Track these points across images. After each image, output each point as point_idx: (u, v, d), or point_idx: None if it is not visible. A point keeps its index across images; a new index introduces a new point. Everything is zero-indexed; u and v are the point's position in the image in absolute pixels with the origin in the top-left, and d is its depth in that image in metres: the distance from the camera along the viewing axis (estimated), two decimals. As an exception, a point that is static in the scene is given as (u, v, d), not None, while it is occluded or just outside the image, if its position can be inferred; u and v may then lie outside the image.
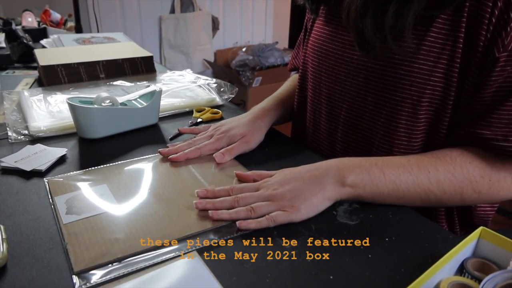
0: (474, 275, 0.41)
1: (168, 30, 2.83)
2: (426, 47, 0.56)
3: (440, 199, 0.55)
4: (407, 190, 0.54)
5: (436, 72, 0.57)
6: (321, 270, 0.43)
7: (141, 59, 1.07)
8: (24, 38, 1.27)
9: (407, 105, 0.59)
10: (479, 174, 0.54)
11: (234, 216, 0.50)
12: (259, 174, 0.59)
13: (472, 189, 0.54)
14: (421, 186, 0.54)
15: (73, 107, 0.69)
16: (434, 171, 0.54)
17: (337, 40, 0.68)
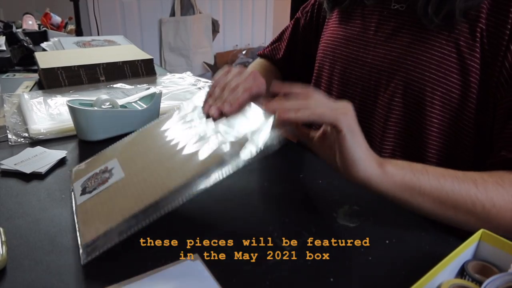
0: (474, 278, 0.41)
1: (168, 33, 2.83)
2: (442, 53, 0.57)
3: (487, 212, 0.49)
4: (451, 192, 0.48)
5: (450, 77, 0.57)
6: (321, 272, 0.43)
7: (141, 62, 1.07)
8: (25, 41, 1.27)
9: (420, 110, 0.60)
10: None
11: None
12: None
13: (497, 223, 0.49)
14: (468, 192, 0.48)
15: (73, 110, 0.69)
16: (481, 181, 0.49)
17: (351, 43, 0.69)
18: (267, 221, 0.51)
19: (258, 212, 0.53)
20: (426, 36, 0.59)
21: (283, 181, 0.61)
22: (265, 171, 0.63)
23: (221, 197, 0.56)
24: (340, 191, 0.58)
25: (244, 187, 0.59)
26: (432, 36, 0.59)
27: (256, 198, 0.56)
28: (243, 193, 0.57)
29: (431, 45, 0.58)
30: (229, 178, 0.61)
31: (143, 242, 0.47)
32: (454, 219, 0.50)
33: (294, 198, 0.56)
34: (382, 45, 0.64)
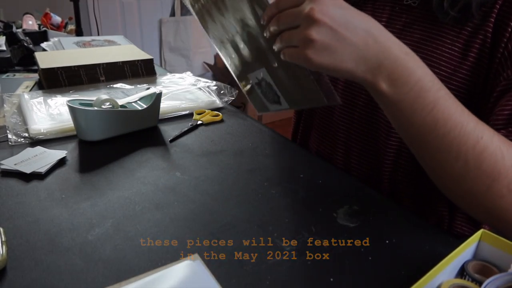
0: (474, 278, 0.41)
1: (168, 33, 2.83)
2: (453, 49, 0.57)
3: (467, 173, 0.46)
4: (441, 138, 0.44)
5: (459, 74, 0.56)
6: (321, 272, 0.43)
7: (141, 62, 1.07)
8: (25, 41, 1.27)
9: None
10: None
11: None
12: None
13: (508, 182, 0.45)
14: (460, 147, 0.44)
15: (73, 110, 0.69)
16: (488, 140, 0.44)
17: None
18: (267, 221, 0.51)
19: (258, 212, 0.53)
20: (437, 32, 0.59)
21: (283, 181, 0.61)
22: (265, 171, 0.63)
23: (221, 197, 0.56)
24: (340, 191, 0.58)
25: (244, 187, 0.59)
26: (443, 33, 0.58)
27: (256, 198, 0.56)
28: (243, 193, 0.57)
29: (442, 41, 0.58)
30: (229, 178, 0.61)
31: (143, 242, 0.47)
32: (429, 161, 0.48)
33: (294, 198, 0.56)
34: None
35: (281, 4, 0.43)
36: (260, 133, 0.78)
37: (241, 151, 0.70)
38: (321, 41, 0.41)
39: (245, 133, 0.78)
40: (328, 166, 0.66)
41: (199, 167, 0.64)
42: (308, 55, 0.42)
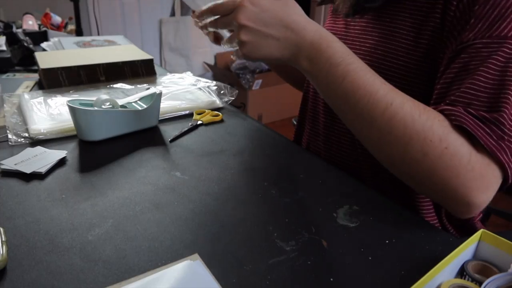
0: (474, 278, 0.41)
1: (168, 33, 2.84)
2: (407, 39, 0.59)
3: (382, 137, 0.49)
4: (353, 107, 0.50)
5: (415, 66, 0.59)
6: (321, 272, 0.43)
7: (141, 62, 1.07)
8: (25, 41, 1.27)
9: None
10: (439, 136, 0.47)
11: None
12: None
13: (421, 146, 0.47)
14: (370, 113, 0.49)
15: (73, 110, 0.69)
16: (398, 107, 0.48)
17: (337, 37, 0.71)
18: (267, 221, 0.51)
19: (258, 212, 0.53)
20: (394, 28, 0.62)
21: (283, 181, 0.61)
22: (265, 171, 0.63)
23: (221, 197, 0.56)
24: (340, 191, 0.58)
25: (244, 187, 0.59)
26: (398, 29, 0.61)
27: (256, 198, 0.56)
28: (243, 193, 0.57)
29: (399, 34, 0.60)
30: (229, 178, 0.61)
31: (143, 242, 0.47)
32: (351, 125, 0.53)
33: (294, 198, 0.56)
34: (358, 38, 0.67)
35: (215, 11, 0.54)
36: (260, 133, 0.78)
37: (241, 151, 0.70)
38: (249, 40, 0.52)
39: (245, 133, 0.78)
40: (328, 166, 0.66)
41: (199, 167, 0.65)
42: (244, 53, 0.53)
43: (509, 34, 0.48)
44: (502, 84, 0.48)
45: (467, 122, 0.47)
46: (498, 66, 0.48)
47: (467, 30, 0.51)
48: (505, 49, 0.48)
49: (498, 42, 0.48)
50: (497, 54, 0.48)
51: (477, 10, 0.50)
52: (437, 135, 0.47)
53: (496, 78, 0.48)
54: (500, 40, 0.48)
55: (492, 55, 0.48)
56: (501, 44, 0.48)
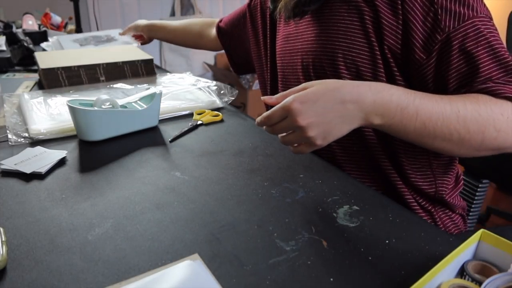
0: (474, 278, 0.41)
1: (168, 33, 2.83)
2: (346, 21, 0.65)
3: (462, 139, 0.56)
4: (433, 130, 0.55)
5: (356, 42, 0.65)
6: (321, 272, 0.43)
7: (141, 62, 1.07)
8: (25, 41, 1.28)
9: (337, 76, 0.67)
10: (499, 111, 0.55)
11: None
12: (285, 95, 0.57)
13: (493, 127, 0.55)
14: (449, 126, 0.55)
15: (73, 110, 0.69)
16: (463, 110, 0.55)
17: (290, 38, 0.76)
18: (267, 221, 0.51)
19: (258, 212, 0.53)
20: (332, 16, 0.67)
21: (283, 181, 0.61)
22: (265, 171, 0.63)
23: (221, 197, 0.56)
24: (340, 191, 0.58)
25: (244, 187, 0.59)
26: (337, 12, 0.67)
27: (256, 198, 0.56)
28: (243, 193, 0.57)
29: (337, 20, 0.67)
30: (229, 178, 0.61)
31: (143, 242, 0.47)
32: (428, 144, 0.58)
33: (294, 198, 0.56)
34: (306, 31, 0.72)
35: (272, 120, 0.54)
36: (260, 133, 0.78)
37: (241, 151, 0.70)
38: (317, 132, 0.53)
39: (245, 133, 0.78)
40: (328, 166, 0.66)
41: (199, 167, 0.65)
42: (317, 144, 0.54)
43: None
44: (496, 52, 0.58)
45: (507, 90, 0.56)
46: (486, 41, 0.58)
47: (439, 21, 0.58)
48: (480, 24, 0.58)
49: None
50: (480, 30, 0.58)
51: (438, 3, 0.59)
52: (498, 112, 0.55)
53: (490, 50, 0.58)
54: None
55: (478, 35, 0.58)
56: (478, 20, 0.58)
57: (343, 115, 0.53)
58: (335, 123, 0.53)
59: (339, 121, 0.53)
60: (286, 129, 0.54)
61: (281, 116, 0.53)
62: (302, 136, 0.53)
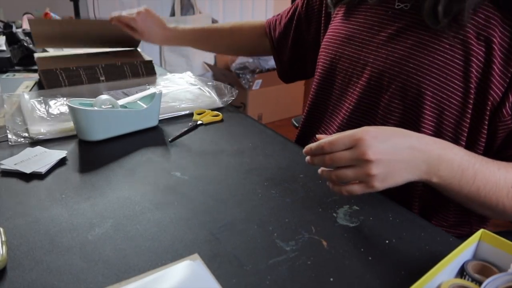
0: (474, 278, 0.41)
1: (168, 33, 2.83)
2: (445, 57, 0.57)
3: (504, 211, 0.56)
4: (484, 197, 0.54)
5: (452, 83, 0.57)
6: (321, 272, 0.43)
7: (141, 63, 1.07)
8: (25, 41, 1.27)
9: (418, 112, 0.60)
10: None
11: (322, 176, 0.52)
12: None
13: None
14: (498, 198, 0.54)
15: (73, 110, 0.69)
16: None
17: (353, 42, 0.68)
18: (267, 221, 0.51)
19: (258, 212, 0.53)
20: (429, 39, 0.59)
21: (283, 181, 0.61)
22: (265, 171, 0.63)
23: (221, 197, 0.56)
24: (340, 191, 0.58)
25: (244, 187, 0.59)
26: (436, 40, 0.58)
27: (256, 198, 0.56)
28: (243, 193, 0.57)
29: (434, 48, 0.58)
30: (229, 178, 0.61)
31: (143, 242, 0.47)
32: (473, 208, 0.57)
33: (294, 198, 0.56)
34: (385, 45, 0.64)
35: (334, 147, 0.49)
36: (260, 133, 0.78)
37: (241, 151, 0.70)
38: (380, 173, 0.48)
39: (245, 133, 0.78)
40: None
41: (199, 167, 0.65)
42: (374, 186, 0.49)
43: None
44: None
45: None
46: None
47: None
48: None
49: None
50: None
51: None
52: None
53: None
54: None
55: None
56: None
57: (410, 161, 0.50)
58: (400, 167, 0.49)
59: (404, 166, 0.50)
60: (348, 160, 0.48)
61: (346, 145, 0.48)
62: (364, 172, 0.48)
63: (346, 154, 0.48)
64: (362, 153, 0.47)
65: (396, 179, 0.50)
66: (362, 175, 0.48)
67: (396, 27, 0.63)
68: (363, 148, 0.47)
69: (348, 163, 0.49)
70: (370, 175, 0.48)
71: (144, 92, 0.80)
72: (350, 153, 0.48)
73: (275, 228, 0.50)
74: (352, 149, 0.48)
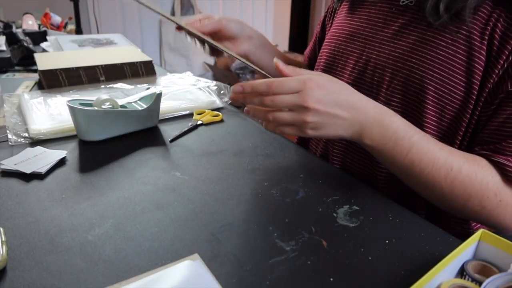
0: (474, 278, 0.41)
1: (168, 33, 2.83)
2: (448, 52, 0.57)
3: (443, 195, 0.55)
4: (418, 174, 0.54)
5: (454, 78, 0.57)
6: (321, 272, 0.43)
7: (141, 63, 1.07)
8: (25, 41, 1.27)
9: (419, 107, 0.60)
10: (494, 191, 0.53)
11: (252, 114, 0.54)
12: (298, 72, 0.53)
13: (479, 201, 0.54)
14: (435, 178, 0.53)
15: (73, 110, 0.69)
16: (457, 171, 0.53)
17: (357, 38, 0.69)
18: (267, 221, 0.51)
19: (258, 212, 0.53)
20: (432, 34, 0.59)
21: (283, 181, 0.61)
22: (265, 171, 0.63)
23: (221, 197, 0.56)
24: (340, 191, 0.58)
25: (244, 187, 0.59)
26: (439, 35, 0.59)
27: (256, 198, 0.56)
28: (243, 193, 0.57)
29: (437, 44, 0.58)
30: (229, 178, 0.61)
31: (143, 242, 0.47)
32: (411, 187, 0.57)
33: (294, 198, 0.56)
34: (388, 42, 0.64)
35: (279, 89, 0.50)
36: (260, 133, 0.78)
37: (241, 151, 0.70)
38: (315, 122, 0.50)
39: (245, 133, 0.78)
40: (328, 166, 0.66)
41: (199, 167, 0.65)
42: (306, 132, 0.52)
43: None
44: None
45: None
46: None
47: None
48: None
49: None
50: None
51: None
52: (492, 191, 0.53)
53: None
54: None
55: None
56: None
57: (346, 119, 0.52)
58: (335, 122, 0.51)
59: (339, 122, 0.52)
60: (289, 104, 0.50)
61: (292, 89, 0.49)
62: (300, 118, 0.50)
63: (288, 98, 0.50)
64: (303, 100, 0.49)
65: (328, 132, 0.52)
66: (298, 121, 0.50)
67: (400, 23, 0.63)
68: (306, 96, 0.49)
69: (288, 107, 0.50)
70: (305, 122, 0.50)
71: (144, 92, 0.80)
72: (292, 98, 0.50)
73: (275, 228, 0.50)
74: (296, 94, 0.49)
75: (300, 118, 0.50)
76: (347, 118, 0.52)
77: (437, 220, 0.65)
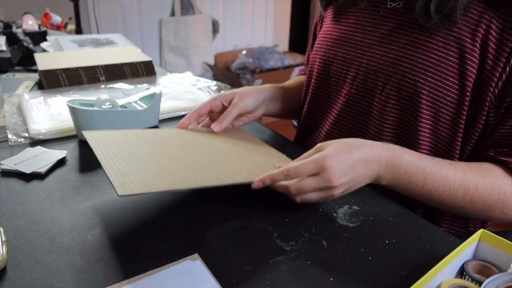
0: (474, 278, 0.41)
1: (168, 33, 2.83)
2: (439, 55, 0.57)
3: (465, 213, 0.57)
4: (438, 200, 0.56)
5: (447, 80, 0.57)
6: (321, 272, 0.43)
7: (141, 63, 1.08)
8: (25, 41, 1.28)
9: (414, 111, 0.60)
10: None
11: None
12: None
13: (501, 209, 0.55)
14: (454, 200, 0.55)
15: (73, 110, 0.69)
16: (474, 189, 0.55)
17: (346, 43, 0.68)
18: (267, 221, 0.51)
19: (258, 212, 0.53)
20: (423, 37, 0.59)
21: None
22: (265, 171, 0.63)
23: (221, 197, 0.56)
24: (340, 191, 0.58)
25: (244, 187, 0.59)
26: (429, 38, 0.58)
27: (256, 198, 0.56)
28: (243, 193, 0.57)
29: (428, 47, 0.58)
30: (229, 178, 0.61)
31: (143, 242, 0.47)
32: (439, 208, 0.59)
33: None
34: (378, 45, 0.63)
35: (299, 174, 0.50)
36: (260, 133, 0.78)
37: (241, 151, 0.70)
38: (342, 190, 0.52)
39: (245, 133, 0.78)
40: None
41: (199, 167, 0.64)
42: (333, 197, 0.52)
43: None
44: None
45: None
46: None
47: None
48: None
49: None
50: None
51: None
52: (510, 197, 0.55)
53: None
54: None
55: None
56: None
57: (365, 174, 0.53)
58: (357, 181, 0.52)
59: (361, 179, 0.53)
60: (315, 188, 0.50)
61: (311, 171, 0.50)
62: (330, 194, 0.51)
63: (312, 184, 0.50)
64: (328, 180, 0.49)
65: (353, 189, 0.53)
66: (328, 197, 0.52)
67: (389, 27, 0.63)
68: (329, 177, 0.49)
69: (314, 190, 0.51)
70: (334, 195, 0.51)
71: (144, 92, 0.80)
72: (316, 182, 0.50)
73: (275, 228, 0.50)
74: (317, 177, 0.50)
75: (329, 195, 0.51)
76: (365, 173, 0.53)
77: (437, 220, 0.66)
